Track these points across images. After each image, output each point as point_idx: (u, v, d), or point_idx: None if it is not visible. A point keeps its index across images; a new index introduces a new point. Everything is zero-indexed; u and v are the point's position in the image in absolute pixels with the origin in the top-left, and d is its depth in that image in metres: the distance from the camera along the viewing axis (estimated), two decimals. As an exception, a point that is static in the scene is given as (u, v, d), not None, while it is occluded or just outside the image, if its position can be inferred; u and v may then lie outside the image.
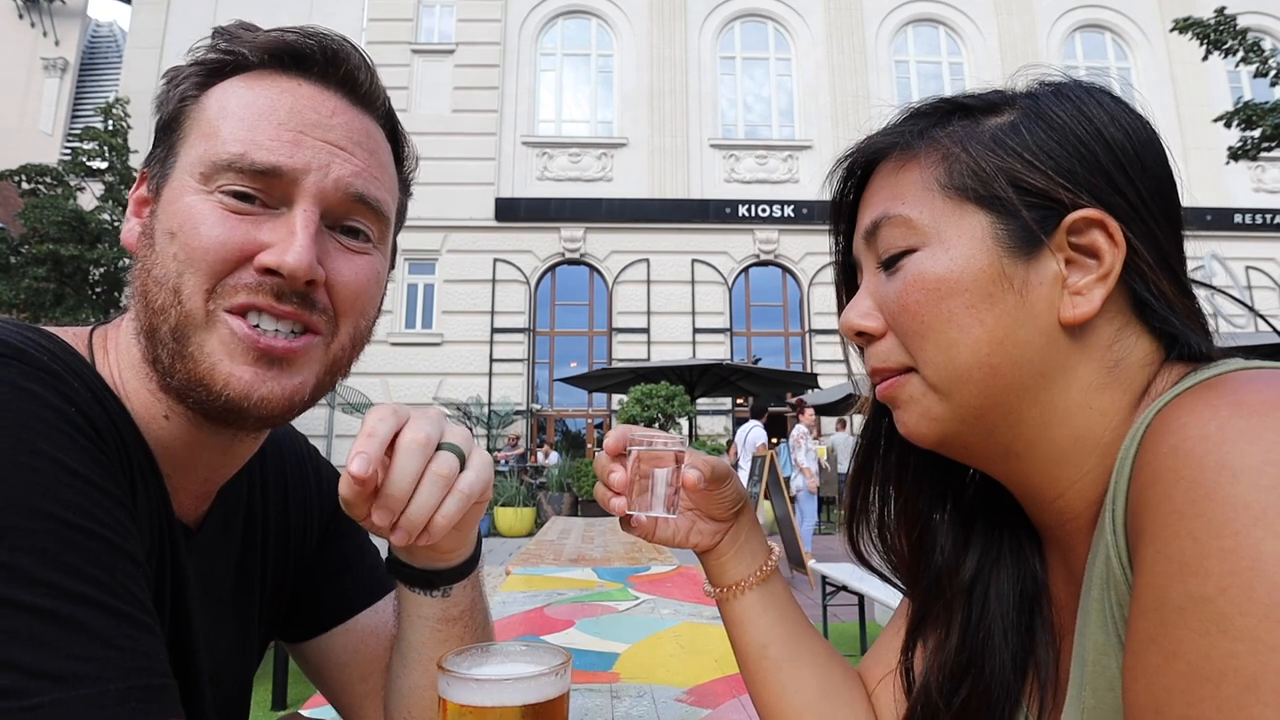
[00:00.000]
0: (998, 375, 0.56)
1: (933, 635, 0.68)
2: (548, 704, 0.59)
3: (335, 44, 0.66)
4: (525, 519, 11.91)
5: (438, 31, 19.73)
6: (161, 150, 0.65)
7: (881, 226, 0.61)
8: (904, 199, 0.60)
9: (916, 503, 0.69)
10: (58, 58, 27.71)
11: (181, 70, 0.65)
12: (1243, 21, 11.09)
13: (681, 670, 1.39)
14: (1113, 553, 0.47)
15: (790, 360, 18.76)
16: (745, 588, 0.77)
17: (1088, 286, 0.54)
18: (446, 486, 0.62)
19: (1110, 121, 0.56)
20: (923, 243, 0.58)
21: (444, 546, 0.70)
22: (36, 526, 0.47)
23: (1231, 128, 11.07)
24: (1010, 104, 0.60)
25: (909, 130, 0.61)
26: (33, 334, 0.57)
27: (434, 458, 0.62)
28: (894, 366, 0.61)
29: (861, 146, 0.65)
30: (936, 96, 0.63)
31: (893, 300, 0.60)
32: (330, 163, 0.62)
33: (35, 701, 0.44)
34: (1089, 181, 0.55)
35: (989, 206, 0.56)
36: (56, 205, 14.65)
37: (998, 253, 0.56)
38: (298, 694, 3.72)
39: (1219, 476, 0.39)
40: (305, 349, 0.63)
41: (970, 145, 0.58)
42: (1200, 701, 0.37)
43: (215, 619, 0.70)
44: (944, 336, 0.57)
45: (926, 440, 0.61)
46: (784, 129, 19.79)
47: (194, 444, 0.65)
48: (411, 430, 0.61)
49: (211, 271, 0.59)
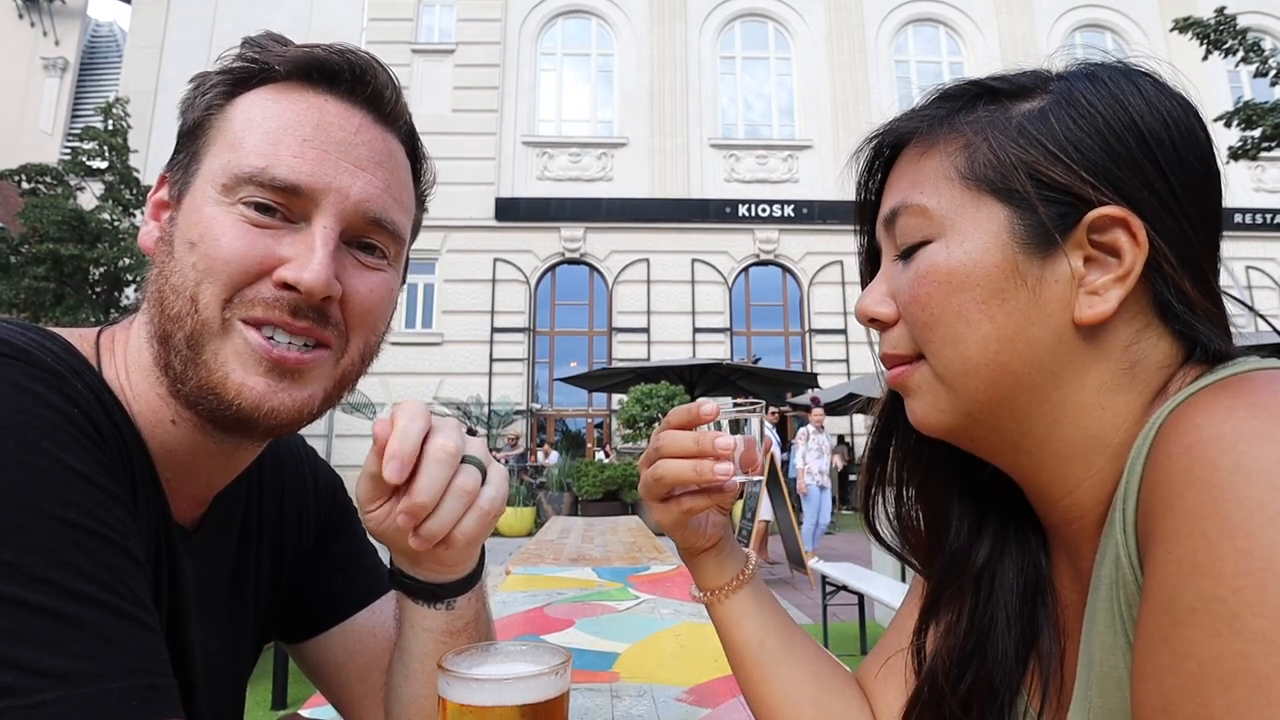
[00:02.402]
0: (1006, 372, 0.55)
1: (944, 617, 0.67)
2: (548, 703, 0.59)
3: (364, 62, 0.66)
4: (525, 518, 11.92)
5: (438, 31, 19.75)
6: (184, 156, 0.64)
7: (900, 215, 0.59)
8: (923, 187, 0.58)
9: (933, 487, 0.68)
10: (58, 57, 27.72)
11: (209, 78, 0.65)
12: (1243, 21, 11.10)
13: (681, 670, 1.38)
14: (1122, 552, 0.47)
15: (790, 360, 18.76)
16: (739, 585, 0.77)
17: (1105, 286, 0.53)
18: (469, 502, 0.63)
19: (1148, 109, 0.53)
20: (938, 234, 0.57)
21: (449, 560, 0.70)
22: (40, 526, 0.47)
23: (1231, 127, 11.06)
24: (1042, 88, 0.57)
25: (933, 115, 0.60)
26: (37, 335, 0.57)
27: (459, 470, 0.63)
28: (904, 354, 0.60)
29: (888, 129, 0.63)
30: (966, 79, 0.61)
31: (905, 290, 0.59)
32: (352, 184, 0.63)
33: (38, 700, 0.44)
34: (1116, 175, 0.53)
35: (1007, 200, 0.55)
36: (56, 205, 14.65)
37: (1013, 248, 0.54)
38: (298, 694, 3.72)
39: (1233, 477, 0.38)
40: (316, 362, 0.64)
41: (992, 134, 0.56)
42: (1210, 702, 0.37)
43: (210, 621, 0.70)
44: (952, 331, 0.56)
45: (933, 430, 0.60)
46: (784, 128, 19.81)
47: (198, 449, 0.65)
48: (441, 438, 0.62)
49: (230, 282, 0.59)
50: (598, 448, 17.13)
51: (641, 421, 12.17)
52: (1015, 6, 20.03)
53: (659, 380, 12.66)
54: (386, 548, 0.73)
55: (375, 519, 0.65)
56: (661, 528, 0.75)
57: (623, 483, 12.53)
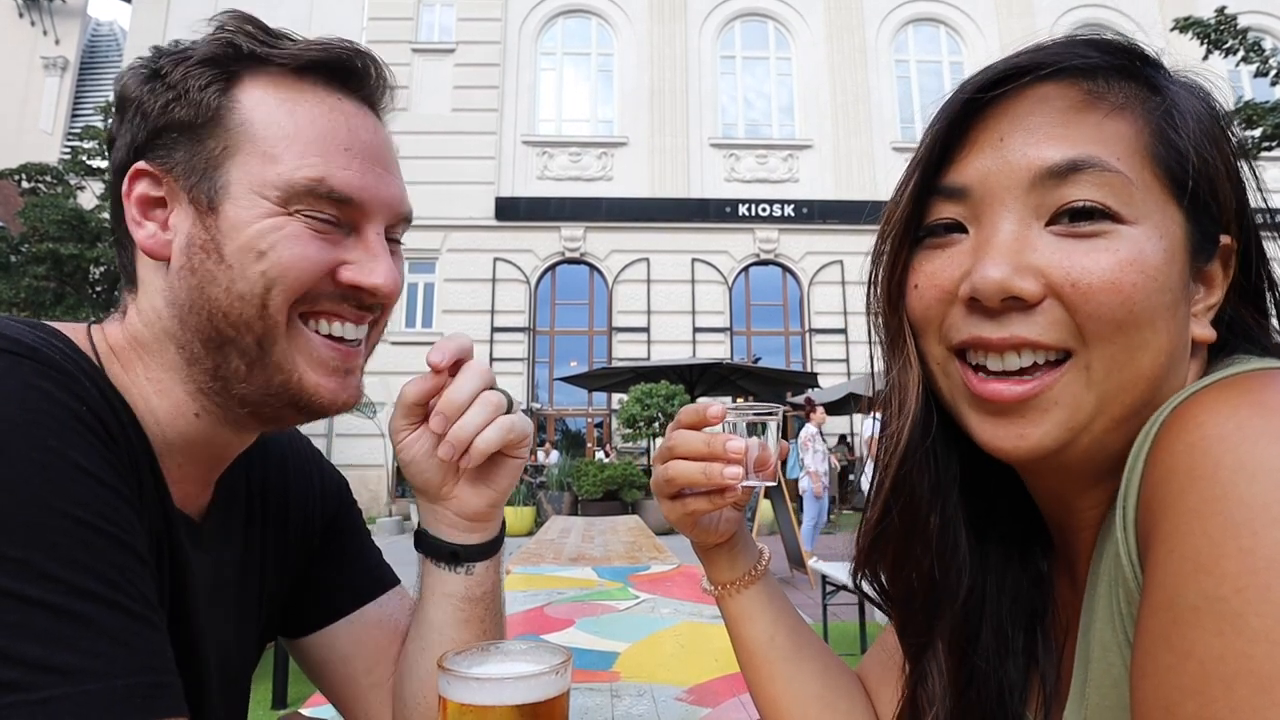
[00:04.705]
0: (1153, 390, 0.50)
1: (933, 665, 0.63)
2: (548, 703, 0.59)
3: (372, 60, 0.68)
4: (525, 518, 11.92)
5: (438, 30, 19.73)
6: (187, 155, 0.62)
7: (1085, 172, 0.49)
8: (1117, 154, 0.50)
9: (946, 550, 0.60)
10: (58, 57, 27.72)
11: (188, 69, 0.62)
12: (1243, 21, 11.09)
13: (681, 669, 1.38)
14: (1122, 550, 0.46)
15: (790, 360, 18.75)
16: (750, 581, 0.76)
17: (1201, 311, 0.53)
18: (494, 414, 0.70)
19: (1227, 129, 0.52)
20: (1136, 217, 0.49)
21: (471, 513, 0.75)
22: (48, 523, 0.48)
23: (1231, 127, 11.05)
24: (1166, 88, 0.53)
25: (1112, 65, 0.52)
26: (44, 332, 0.58)
27: (487, 390, 0.71)
28: (1052, 344, 0.50)
29: (1049, 57, 0.52)
30: (1126, 37, 0.53)
31: (1087, 270, 0.48)
32: (388, 189, 0.67)
33: (44, 695, 0.44)
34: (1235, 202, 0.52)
35: (1182, 203, 0.50)
36: (56, 204, 14.67)
37: (1185, 256, 0.50)
38: (298, 693, 3.72)
39: (1236, 476, 0.38)
40: (361, 353, 0.70)
41: (1184, 124, 0.51)
42: (1212, 702, 0.36)
43: (220, 613, 0.71)
44: (1141, 335, 0.49)
45: (1036, 455, 0.51)
46: (784, 128, 19.79)
47: (215, 439, 0.67)
48: (476, 361, 0.72)
49: (302, 288, 0.63)
50: (598, 447, 17.14)
51: (641, 421, 12.17)
52: (1015, 7, 20.01)
53: (659, 380, 12.65)
54: (414, 499, 0.79)
55: (406, 445, 0.74)
56: (671, 524, 0.74)
57: (623, 482, 12.54)
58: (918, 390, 0.58)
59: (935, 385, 0.57)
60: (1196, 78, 0.55)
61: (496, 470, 0.75)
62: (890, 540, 0.61)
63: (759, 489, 0.72)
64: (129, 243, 0.66)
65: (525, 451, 0.75)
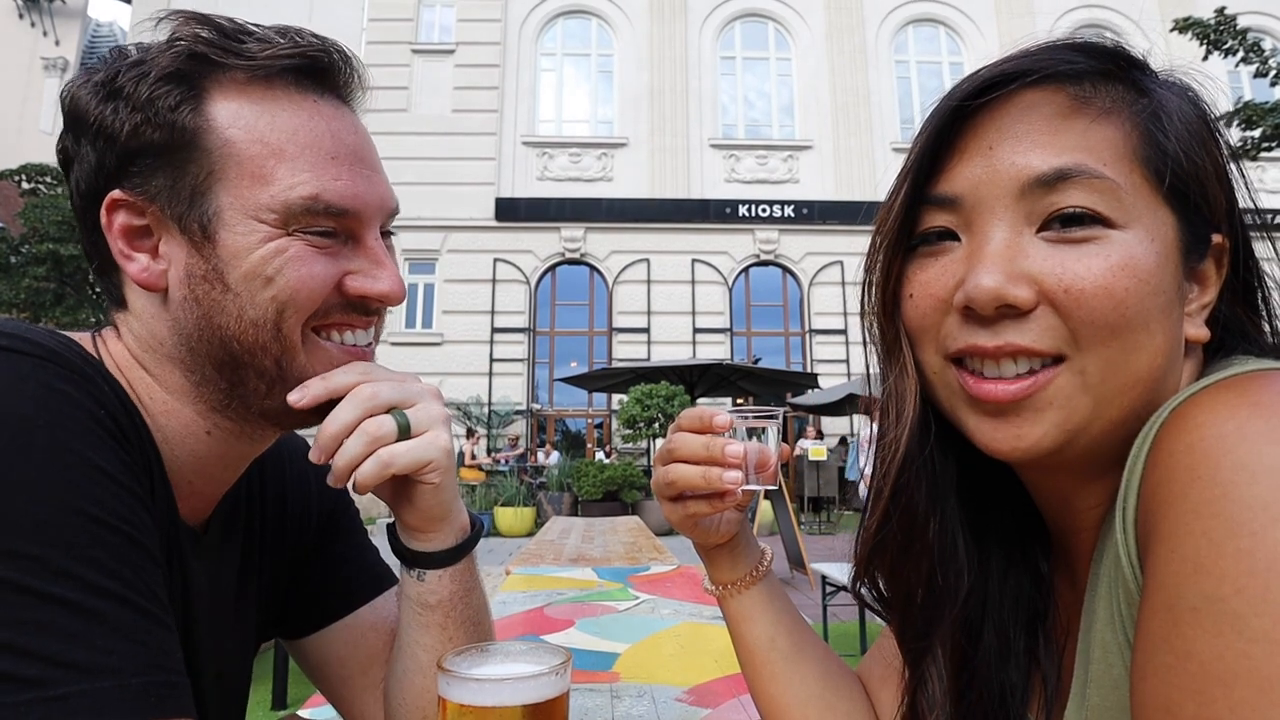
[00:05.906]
0: (1151, 392, 0.50)
1: (932, 669, 0.63)
2: (548, 704, 0.59)
3: (343, 55, 0.66)
4: (525, 519, 11.91)
5: (438, 31, 19.74)
6: (173, 183, 0.60)
7: (1073, 180, 0.50)
8: (1104, 160, 0.50)
9: (946, 529, 0.60)
10: (58, 57, 27.73)
11: (155, 89, 0.59)
12: (1243, 21, 11.08)
13: (681, 670, 1.38)
14: (1122, 551, 0.46)
15: (790, 360, 18.76)
16: (751, 582, 0.76)
17: (1195, 310, 0.53)
18: (372, 446, 0.64)
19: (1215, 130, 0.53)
20: (1126, 221, 0.50)
21: (412, 524, 0.72)
22: (65, 521, 0.48)
23: (1231, 128, 11.06)
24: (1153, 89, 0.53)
25: (1096, 70, 0.52)
26: (61, 337, 0.58)
27: (373, 418, 0.65)
28: (1045, 350, 0.50)
29: (1031, 65, 0.52)
30: (1112, 40, 0.54)
31: (1079, 276, 0.49)
32: (377, 191, 0.66)
33: (60, 692, 0.45)
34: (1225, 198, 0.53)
35: (1172, 204, 0.51)
36: (56, 205, 14.67)
37: (1177, 258, 0.51)
38: (298, 694, 3.72)
39: (1236, 476, 0.38)
40: (373, 352, 0.71)
41: (1171, 125, 0.51)
42: (1213, 702, 0.36)
43: (220, 620, 0.71)
44: (1134, 338, 0.49)
45: (1035, 454, 0.51)
46: (784, 128, 19.79)
47: (229, 453, 0.68)
48: (370, 387, 0.65)
49: (313, 306, 0.63)
50: (598, 448, 17.13)
51: (641, 422, 12.17)
52: (1015, 7, 20.01)
53: (659, 380, 12.65)
54: None
55: None
56: (672, 525, 0.74)
57: (623, 483, 12.53)
58: (915, 398, 0.58)
59: (932, 392, 0.57)
60: (1184, 78, 0.55)
61: (412, 492, 0.70)
62: (890, 547, 0.61)
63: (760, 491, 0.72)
64: (113, 268, 0.63)
65: (437, 476, 0.68)
